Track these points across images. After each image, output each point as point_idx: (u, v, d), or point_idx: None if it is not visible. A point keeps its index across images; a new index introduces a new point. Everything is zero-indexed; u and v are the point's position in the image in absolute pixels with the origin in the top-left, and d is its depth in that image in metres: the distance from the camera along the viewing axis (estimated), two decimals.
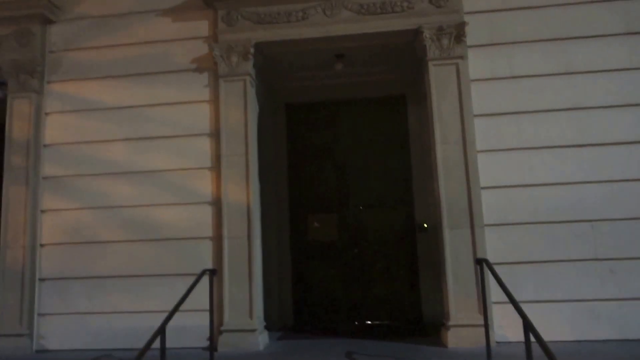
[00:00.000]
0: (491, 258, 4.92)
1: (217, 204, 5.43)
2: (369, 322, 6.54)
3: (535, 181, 5.16)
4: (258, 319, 5.27)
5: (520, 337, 4.88)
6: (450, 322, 4.98)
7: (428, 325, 6.21)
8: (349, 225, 6.79)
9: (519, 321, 4.94)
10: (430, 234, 6.45)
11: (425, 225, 6.52)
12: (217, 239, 5.37)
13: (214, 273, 4.53)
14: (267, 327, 5.85)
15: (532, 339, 3.31)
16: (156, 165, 5.61)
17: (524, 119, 5.23)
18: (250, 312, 5.19)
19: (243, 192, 5.37)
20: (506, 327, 4.94)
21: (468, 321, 4.94)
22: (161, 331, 3.54)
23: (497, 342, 4.90)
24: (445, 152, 5.21)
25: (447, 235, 5.10)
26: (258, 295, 5.35)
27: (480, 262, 4.33)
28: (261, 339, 5.21)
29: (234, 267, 5.26)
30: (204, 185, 5.49)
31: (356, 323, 6.54)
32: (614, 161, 5.11)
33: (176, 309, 3.83)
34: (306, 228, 6.87)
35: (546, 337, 4.93)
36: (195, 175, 5.52)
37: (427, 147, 6.38)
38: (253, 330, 5.15)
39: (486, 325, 4.31)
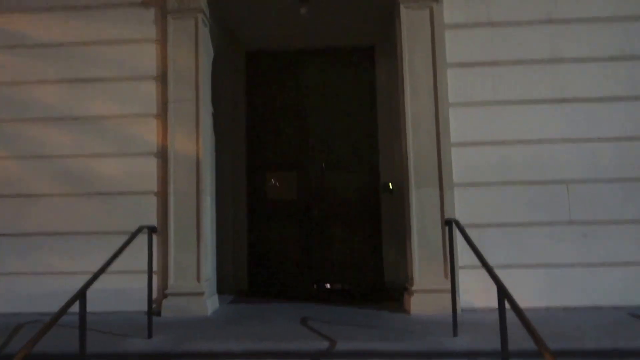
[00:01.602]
0: (460, 220, 4.38)
1: (163, 155, 4.71)
2: (328, 286, 6.01)
3: (509, 138, 4.62)
4: (207, 282, 4.65)
5: (487, 303, 4.46)
6: (414, 287, 4.46)
7: (390, 291, 5.71)
8: (310, 185, 6.18)
9: (485, 287, 4.47)
10: (395, 196, 5.89)
11: (391, 186, 5.96)
12: (163, 194, 4.68)
13: (154, 230, 3.86)
14: (220, 290, 5.27)
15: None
16: (95, 111, 4.83)
17: (500, 70, 4.66)
18: (197, 274, 4.56)
19: (192, 143, 4.66)
20: (472, 293, 4.45)
21: (433, 286, 4.44)
22: (80, 296, 2.87)
23: (462, 309, 4.42)
24: (415, 104, 4.60)
25: (414, 194, 4.54)
26: (207, 256, 4.71)
27: (450, 223, 3.78)
28: (209, 303, 4.60)
29: (180, 226, 4.59)
30: (149, 134, 4.76)
31: (314, 287, 6.00)
32: (592, 119, 4.61)
33: (101, 271, 3.17)
34: (264, 186, 6.23)
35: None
36: (139, 123, 4.77)
37: (396, 104, 5.78)
38: (200, 294, 4.53)
39: (453, 291, 3.80)
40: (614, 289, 4.49)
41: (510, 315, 2.75)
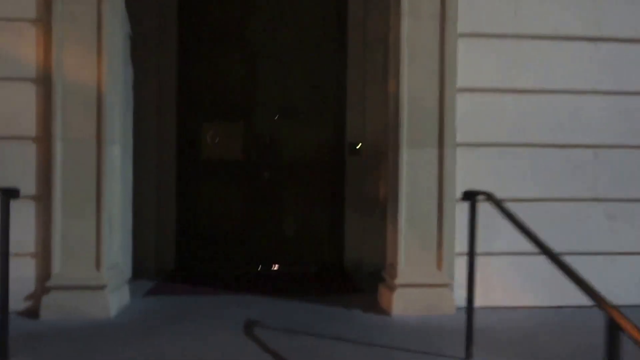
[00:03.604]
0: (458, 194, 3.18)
1: (45, 82, 3.04)
2: (277, 267, 4.64)
3: (528, 85, 3.36)
4: (112, 269, 3.13)
5: (487, 301, 3.32)
6: (399, 280, 3.18)
7: (352, 275, 4.44)
8: (258, 140, 4.71)
9: (485, 280, 3.34)
10: (366, 158, 4.57)
11: (359, 146, 4.61)
12: (44, 141, 3.05)
13: (11, 195, 2.29)
14: (137, 275, 3.85)
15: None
16: None
17: None
18: (97, 258, 3.03)
19: (91, 67, 3.03)
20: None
21: (424, 279, 3.19)
22: None
23: (459, 308, 3.20)
24: (414, 29, 3.20)
25: (405, 156, 3.21)
26: (113, 231, 3.19)
27: (472, 197, 2.47)
28: (115, 300, 3.09)
29: (71, 187, 3.01)
30: (23, 49, 3.04)
31: (260, 267, 4.61)
32: (632, 66, 3.42)
33: None
34: (200, 141, 4.68)
35: (519, 301, 3.37)
36: (9, 32, 3.05)
37: (372, 39, 4.43)
38: (100, 287, 3.01)
39: (470, 290, 2.50)
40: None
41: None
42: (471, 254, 2.51)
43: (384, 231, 3.72)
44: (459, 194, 3.19)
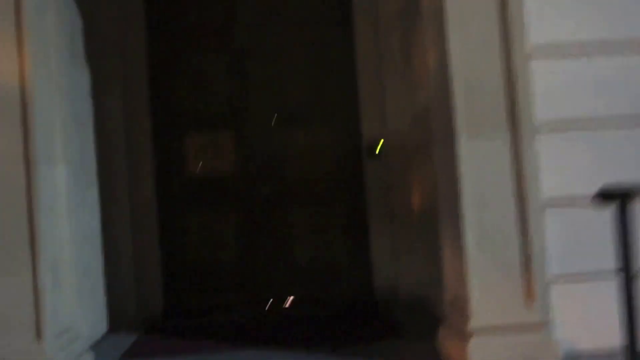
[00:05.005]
0: (549, 193, 2.26)
1: None
2: (287, 308, 3.61)
3: (630, 34, 2.39)
4: (61, 337, 2.10)
5: (599, 343, 2.35)
6: (473, 323, 2.18)
7: (385, 310, 3.44)
8: (253, 152, 3.73)
9: (592, 314, 2.38)
10: (388, 161, 3.61)
11: (379, 147, 3.64)
12: None
13: None
14: (115, 328, 2.96)
15: None
16: None
17: None
18: (36, 323, 2.00)
19: (10, 64, 2.05)
20: (573, 326, 2.25)
21: (508, 318, 2.19)
22: None
23: (564, 354, 2.22)
24: None
25: (464, 149, 2.24)
26: (62, 283, 2.19)
27: (620, 196, 1.49)
28: None
29: None
30: None
31: (265, 309, 3.58)
32: None
33: None
34: (183, 156, 3.70)
35: None
36: None
37: (384, 16, 3.56)
38: None
39: (632, 331, 1.51)
40: None
41: None
42: (627, 272, 1.51)
43: (428, 251, 2.79)
44: (545, 195, 2.28)
